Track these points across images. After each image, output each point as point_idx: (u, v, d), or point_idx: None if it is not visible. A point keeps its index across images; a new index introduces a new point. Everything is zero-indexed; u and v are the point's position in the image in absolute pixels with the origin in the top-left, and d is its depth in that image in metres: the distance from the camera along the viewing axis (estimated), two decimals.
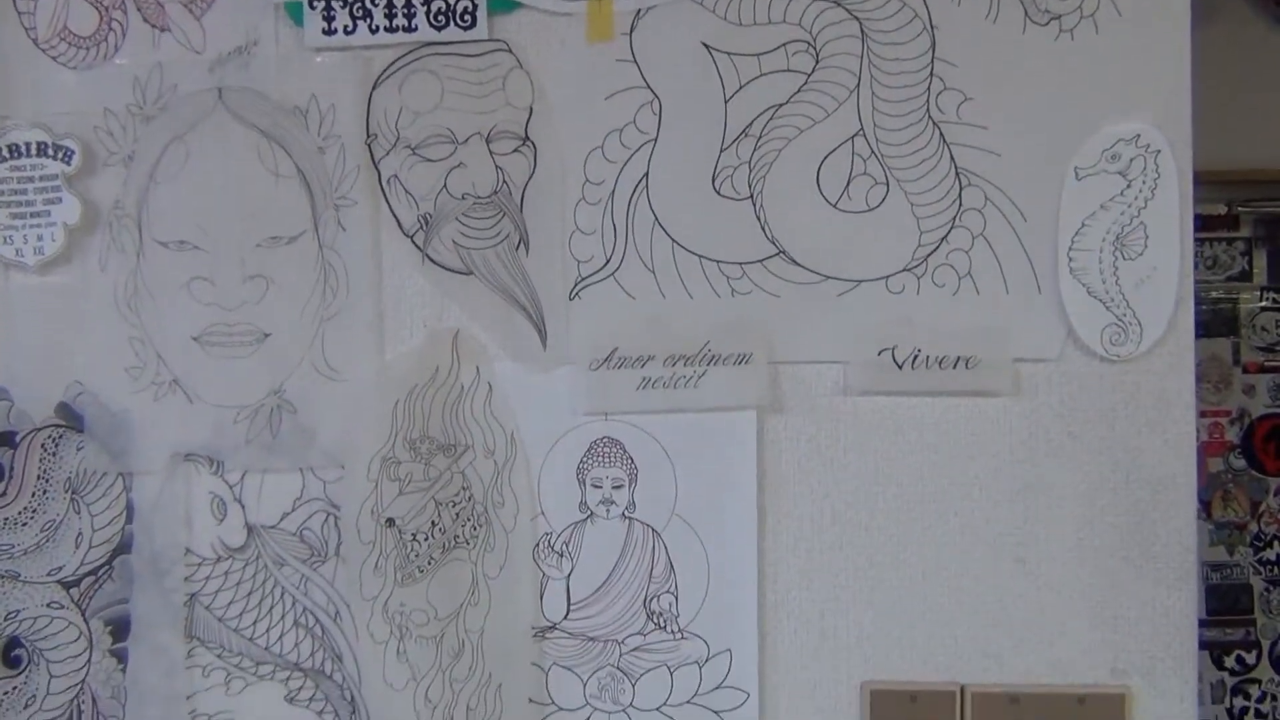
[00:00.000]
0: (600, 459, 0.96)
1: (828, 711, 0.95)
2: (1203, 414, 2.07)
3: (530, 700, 0.96)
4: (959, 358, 0.93)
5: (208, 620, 0.97)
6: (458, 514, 0.95)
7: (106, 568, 0.96)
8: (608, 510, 0.96)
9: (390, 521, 0.94)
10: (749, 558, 0.95)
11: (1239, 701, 2.09)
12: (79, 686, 0.96)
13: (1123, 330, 0.93)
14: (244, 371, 0.95)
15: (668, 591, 0.96)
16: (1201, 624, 2.04)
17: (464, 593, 0.95)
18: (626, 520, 0.96)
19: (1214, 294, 2.06)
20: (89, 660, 0.96)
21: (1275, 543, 2.07)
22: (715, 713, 0.96)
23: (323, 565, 0.96)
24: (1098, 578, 0.94)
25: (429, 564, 0.94)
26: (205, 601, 0.97)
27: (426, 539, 0.94)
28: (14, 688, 0.95)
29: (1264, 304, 2.06)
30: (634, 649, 0.96)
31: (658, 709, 0.96)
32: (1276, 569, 2.07)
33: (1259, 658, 2.09)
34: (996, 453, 0.94)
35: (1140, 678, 0.94)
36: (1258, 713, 2.08)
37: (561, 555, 0.96)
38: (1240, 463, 2.07)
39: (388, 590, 0.94)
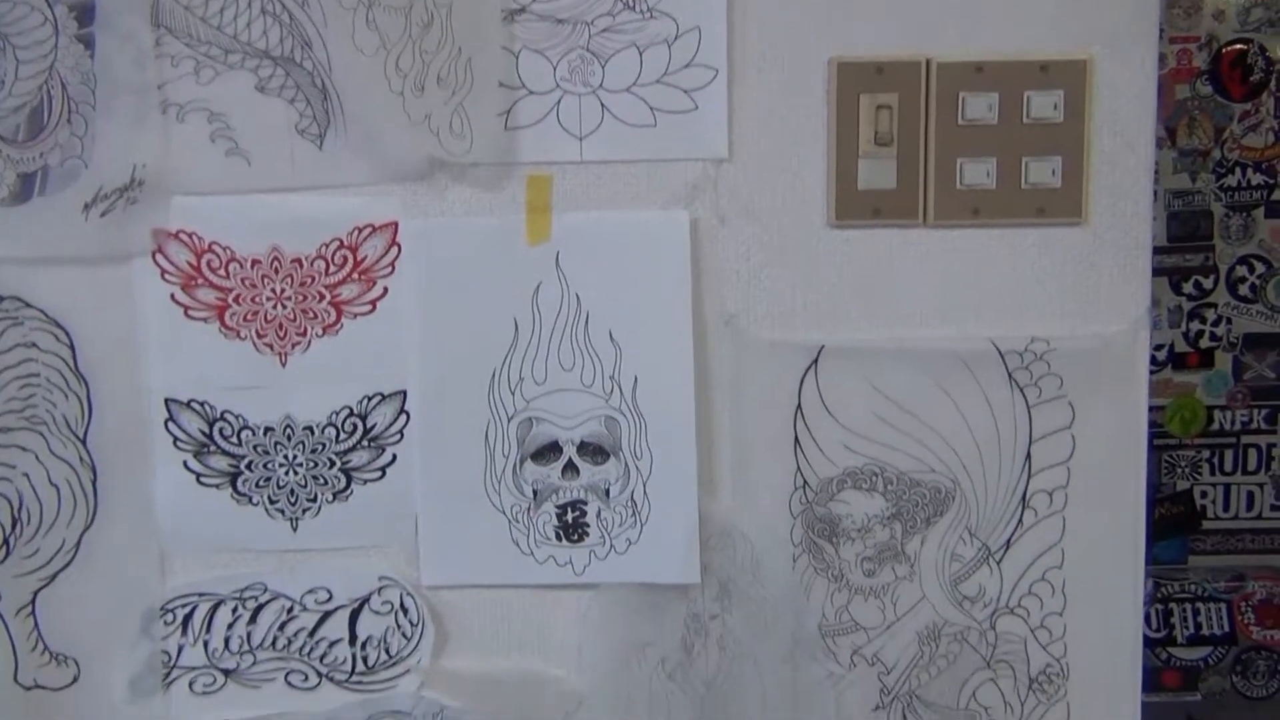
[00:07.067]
0: None
1: (795, 86, 0.97)
2: (1171, 40, 2.08)
3: (501, 84, 0.96)
4: None
5: (174, 8, 0.96)
6: None
7: None
8: None
9: None
10: None
11: (1195, 325, 2.15)
12: (47, 72, 0.96)
13: None
14: None
15: None
16: (1161, 250, 2.08)
17: None
18: None
19: None
20: (55, 46, 0.96)
21: (1237, 169, 2.10)
22: (684, 91, 0.97)
23: None
24: None
25: None
26: None
27: None
28: None
29: None
30: (603, 30, 0.96)
31: (627, 89, 0.97)
32: (1237, 195, 2.11)
33: (1216, 282, 2.14)
34: None
35: (1103, 46, 0.96)
36: (1212, 335, 2.15)
37: None
38: (1207, 89, 2.09)
39: None
